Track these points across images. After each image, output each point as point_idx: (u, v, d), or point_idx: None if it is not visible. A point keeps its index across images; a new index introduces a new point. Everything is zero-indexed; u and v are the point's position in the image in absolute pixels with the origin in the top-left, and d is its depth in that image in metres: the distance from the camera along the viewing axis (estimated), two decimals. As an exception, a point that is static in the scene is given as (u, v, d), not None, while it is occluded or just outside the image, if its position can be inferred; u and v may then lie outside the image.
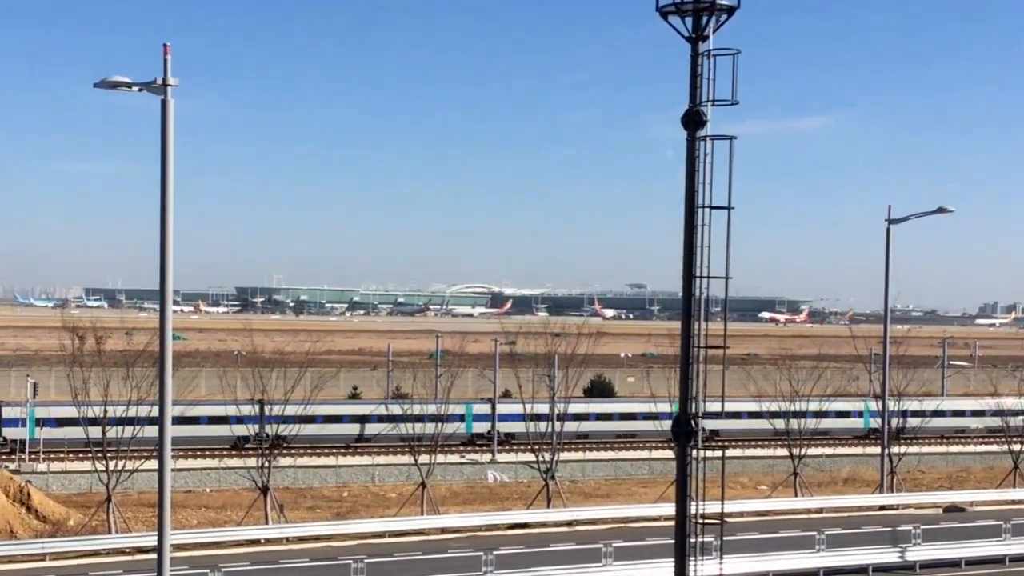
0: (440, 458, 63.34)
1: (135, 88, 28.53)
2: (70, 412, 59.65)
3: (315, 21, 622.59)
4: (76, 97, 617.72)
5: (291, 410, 59.89)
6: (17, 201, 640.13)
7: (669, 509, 45.16)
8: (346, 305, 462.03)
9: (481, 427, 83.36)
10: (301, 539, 52.83)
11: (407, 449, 65.66)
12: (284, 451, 65.78)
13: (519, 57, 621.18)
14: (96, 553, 48.94)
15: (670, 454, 73.27)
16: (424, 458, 59.95)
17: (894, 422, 69.95)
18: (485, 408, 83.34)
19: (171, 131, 28.27)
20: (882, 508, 64.61)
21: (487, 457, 79.96)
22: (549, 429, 63.55)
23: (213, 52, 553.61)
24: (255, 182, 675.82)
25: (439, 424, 61.56)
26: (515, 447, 79.44)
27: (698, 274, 25.24)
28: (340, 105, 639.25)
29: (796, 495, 66.21)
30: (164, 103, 28.12)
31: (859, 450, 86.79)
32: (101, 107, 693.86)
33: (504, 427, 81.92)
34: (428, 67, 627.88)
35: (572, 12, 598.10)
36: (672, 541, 26.41)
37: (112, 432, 53.83)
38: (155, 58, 27.84)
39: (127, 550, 49.25)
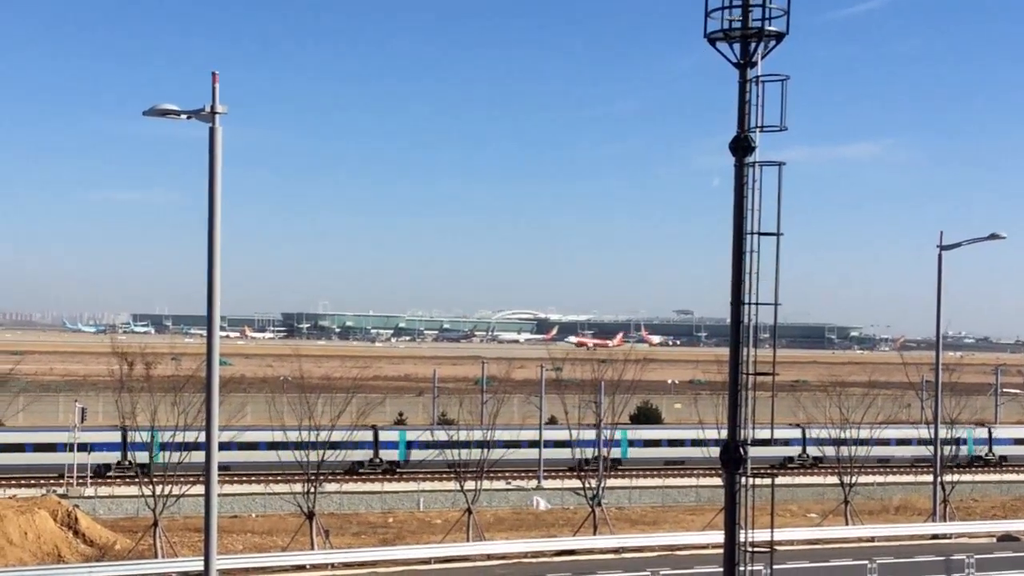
0: (486, 484, 63.01)
1: (183, 116, 28.66)
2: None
3: (363, 52, 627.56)
4: (124, 127, 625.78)
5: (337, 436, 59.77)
6: (66, 229, 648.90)
7: (717, 537, 44.75)
8: (392, 331, 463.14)
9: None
10: (346, 565, 52.63)
11: (453, 475, 65.39)
12: (329, 477, 65.76)
13: (563, 86, 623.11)
14: (143, 577, 49.01)
15: (718, 481, 72.62)
16: (470, 484, 59.69)
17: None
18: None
19: (219, 158, 28.34)
20: (935, 537, 63.50)
21: (533, 483, 79.54)
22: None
23: (258, 81, 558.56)
24: (301, 209, 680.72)
25: (485, 450, 61.26)
26: (560, 473, 79.06)
27: (746, 300, 24.95)
28: (386, 134, 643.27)
29: (847, 523, 65.27)
30: (212, 131, 28.21)
31: (911, 478, 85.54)
32: (149, 137, 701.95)
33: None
34: (471, 96, 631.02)
35: (615, 42, 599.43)
36: (720, 569, 26.08)
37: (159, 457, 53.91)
38: (204, 88, 27.96)
39: (173, 574, 49.28)
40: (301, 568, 51.86)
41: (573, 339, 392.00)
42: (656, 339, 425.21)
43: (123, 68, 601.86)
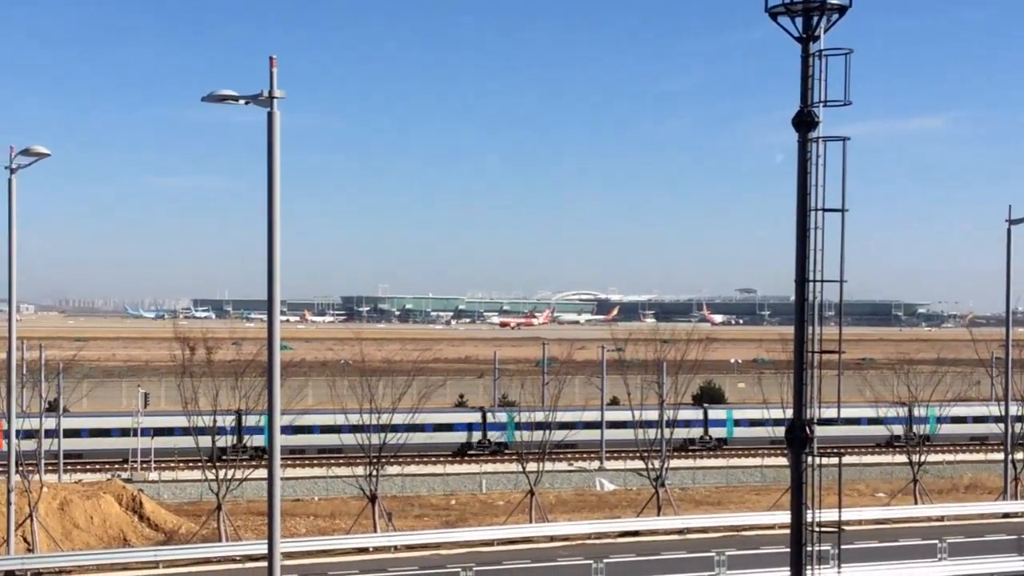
0: (548, 466, 62.74)
1: (242, 101, 28.56)
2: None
3: (421, 36, 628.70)
4: (183, 114, 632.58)
5: (399, 418, 59.82)
6: (127, 216, 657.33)
7: (783, 517, 44.14)
8: (452, 313, 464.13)
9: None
10: (409, 547, 52.63)
11: (515, 457, 65.16)
12: (392, 460, 65.80)
13: (622, 63, 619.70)
14: (207, 561, 49.32)
15: (783, 461, 71.81)
16: (532, 466, 59.38)
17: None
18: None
19: (277, 143, 28.21)
20: (1006, 516, 62.25)
21: (595, 465, 79.14)
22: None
23: (317, 66, 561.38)
24: (360, 192, 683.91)
25: (548, 432, 60.93)
26: (623, 454, 78.59)
27: (811, 278, 24.74)
28: (446, 116, 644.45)
29: (916, 502, 64.20)
30: (270, 115, 28.09)
31: (981, 456, 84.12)
32: (208, 123, 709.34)
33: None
34: (527, 75, 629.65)
35: (676, 17, 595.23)
36: (787, 550, 25.91)
37: (221, 441, 54.16)
38: (262, 75, 27.77)
39: (237, 558, 49.54)
40: (364, 551, 51.91)
41: (496, 319, 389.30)
42: (718, 318, 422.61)
43: (180, 56, 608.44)
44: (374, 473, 55.87)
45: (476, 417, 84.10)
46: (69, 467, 71.92)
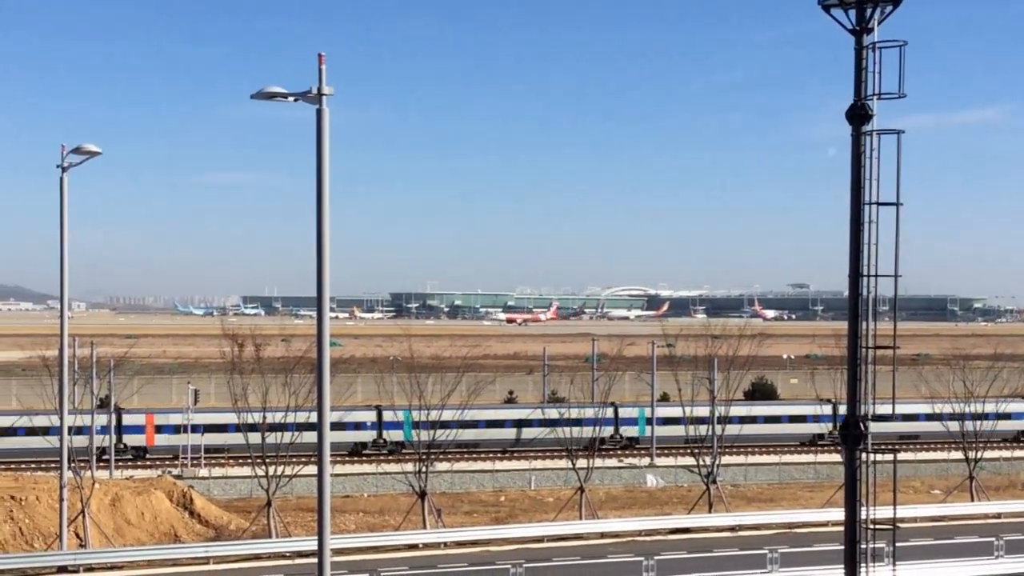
0: (598, 462, 62.35)
1: (291, 98, 28.43)
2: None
3: (475, 32, 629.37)
4: (231, 111, 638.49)
5: (448, 415, 59.65)
6: (176, 213, 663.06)
7: (837, 514, 43.49)
8: (500, 309, 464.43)
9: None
10: (459, 544, 52.51)
11: (564, 453, 64.82)
12: (441, 456, 65.68)
13: (666, 58, 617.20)
14: (257, 557, 49.45)
15: (837, 457, 71.03)
16: (582, 462, 59.04)
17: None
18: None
19: (326, 140, 28.08)
20: (1066, 513, 61.14)
21: (645, 461, 78.66)
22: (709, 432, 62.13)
23: (363, 61, 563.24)
24: (408, 189, 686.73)
25: (597, 427, 60.57)
26: (673, 450, 78.10)
27: (865, 272, 24.49)
28: (496, 113, 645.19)
29: (972, 499, 63.16)
30: (319, 112, 27.94)
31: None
32: (255, 120, 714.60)
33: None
34: (582, 74, 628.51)
35: (726, 12, 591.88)
36: (841, 547, 25.57)
37: (271, 438, 54.24)
38: (311, 72, 27.65)
39: (287, 554, 49.61)
40: (414, 547, 51.83)
41: (502, 316, 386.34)
42: (770, 313, 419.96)
43: (228, 52, 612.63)
44: (423, 469, 55.77)
45: (372, 416, 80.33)
46: (120, 463, 72.60)
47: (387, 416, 79.24)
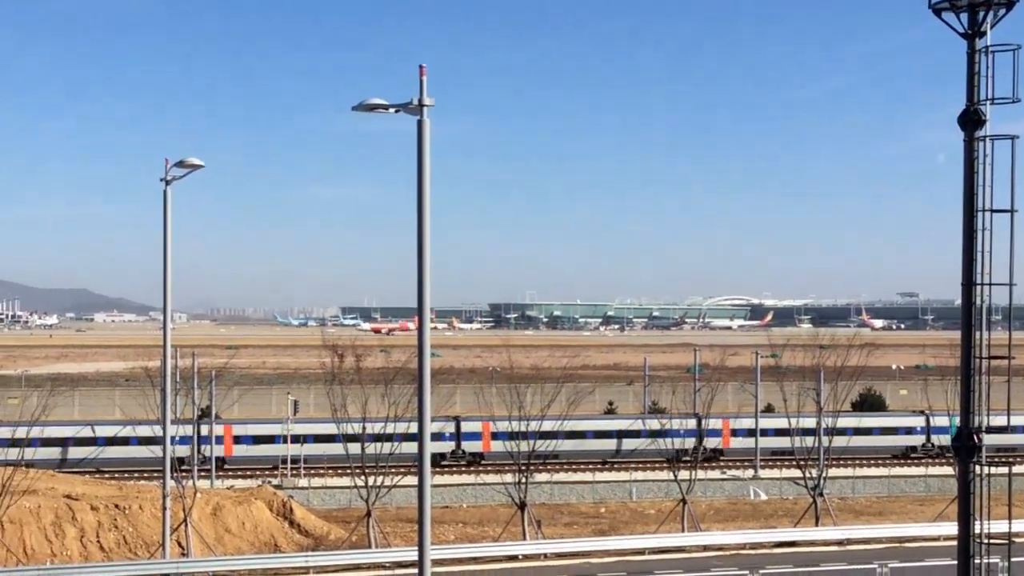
0: (700, 474, 61.36)
1: (392, 110, 28.32)
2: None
3: (574, 42, 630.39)
4: (329, 124, 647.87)
5: (547, 426, 59.17)
6: (275, 225, 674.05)
7: (949, 528, 42.12)
8: (600, 320, 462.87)
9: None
10: (559, 555, 52.02)
11: (666, 465, 63.93)
12: (541, 467, 65.28)
13: (775, 63, 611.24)
14: (357, 567, 49.48)
15: (948, 470, 69.17)
16: (684, 474, 58.15)
17: None
18: None
19: (427, 151, 27.89)
20: None
21: (749, 473, 77.34)
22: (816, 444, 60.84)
23: (460, 71, 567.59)
24: (508, 200, 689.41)
25: (699, 439, 59.63)
26: (780, 462, 76.75)
27: (979, 281, 24.01)
28: (596, 121, 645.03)
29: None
30: (420, 124, 27.77)
31: None
32: (355, 133, 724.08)
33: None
34: (688, 77, 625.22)
35: (834, 16, 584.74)
36: (953, 562, 24.81)
37: (371, 448, 54.31)
38: (412, 83, 27.51)
39: (387, 565, 49.56)
40: (514, 558, 51.45)
41: (366, 325, 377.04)
42: (879, 323, 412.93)
43: (326, 66, 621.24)
44: (523, 480, 55.35)
45: (451, 427, 79.69)
46: (221, 473, 73.43)
47: (465, 427, 79.43)
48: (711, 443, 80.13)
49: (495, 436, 62.24)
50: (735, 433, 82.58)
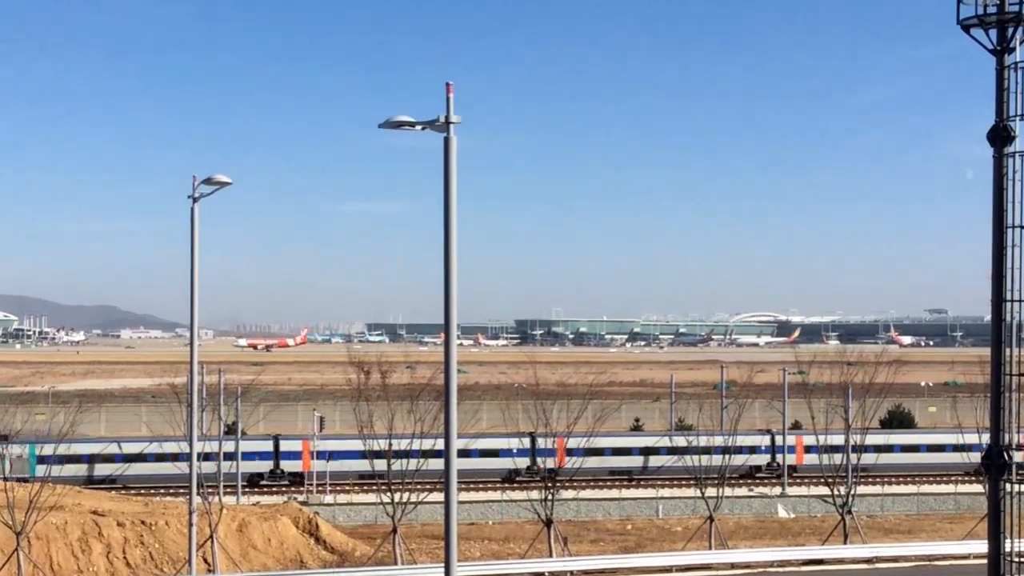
0: (727, 491, 61.01)
1: (418, 127, 28.34)
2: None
3: (596, 56, 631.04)
4: (356, 140, 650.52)
5: (572, 443, 58.96)
6: (301, 242, 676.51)
7: (979, 546, 41.71)
8: (626, 336, 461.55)
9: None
10: (586, 572, 51.89)
11: (692, 482, 63.51)
12: (567, 484, 64.94)
13: (807, 76, 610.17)
14: (382, 584, 49.25)
15: (978, 488, 68.49)
16: (711, 491, 57.80)
17: None
18: None
19: (453, 168, 27.88)
20: None
21: (776, 491, 76.82)
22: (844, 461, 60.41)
23: (491, 85, 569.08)
24: (532, 216, 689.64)
25: (727, 456, 59.31)
26: (807, 480, 76.28)
27: (1009, 297, 24.17)
28: (619, 134, 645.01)
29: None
30: (446, 141, 27.78)
31: None
32: (380, 148, 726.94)
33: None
34: (713, 91, 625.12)
35: (861, 33, 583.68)
36: None
37: (396, 465, 54.19)
38: (438, 98, 27.54)
39: (420, 581, 49.34)
40: (539, 575, 51.13)
41: (243, 342, 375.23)
42: (907, 340, 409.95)
43: (352, 83, 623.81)
44: (549, 497, 55.12)
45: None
46: (247, 490, 73.37)
47: (540, 443, 79.47)
48: (787, 460, 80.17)
49: (569, 452, 62.35)
50: (809, 450, 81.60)
